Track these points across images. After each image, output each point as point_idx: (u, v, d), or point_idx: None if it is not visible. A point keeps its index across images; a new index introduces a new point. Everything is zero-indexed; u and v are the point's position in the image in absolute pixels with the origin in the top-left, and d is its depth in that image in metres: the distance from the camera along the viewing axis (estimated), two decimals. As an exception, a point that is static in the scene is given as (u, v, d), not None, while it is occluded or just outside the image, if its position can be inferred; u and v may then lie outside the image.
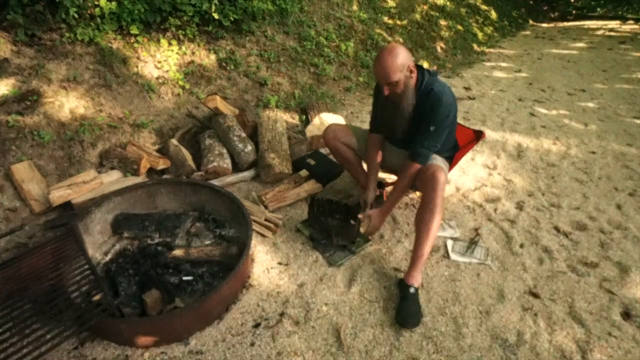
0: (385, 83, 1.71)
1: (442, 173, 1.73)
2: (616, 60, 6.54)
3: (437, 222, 1.73)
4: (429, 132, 1.77)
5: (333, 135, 2.17)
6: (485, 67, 5.98)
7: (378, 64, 1.69)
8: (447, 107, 1.75)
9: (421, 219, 1.76)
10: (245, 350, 1.50)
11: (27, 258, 1.59)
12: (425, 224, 1.74)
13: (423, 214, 1.75)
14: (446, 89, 1.79)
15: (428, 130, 1.77)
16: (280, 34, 4.07)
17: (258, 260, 1.94)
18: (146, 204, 2.12)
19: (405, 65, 1.67)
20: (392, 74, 1.66)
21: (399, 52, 1.66)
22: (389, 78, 1.68)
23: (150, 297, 1.54)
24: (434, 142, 1.81)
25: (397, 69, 1.66)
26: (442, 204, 1.74)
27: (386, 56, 1.66)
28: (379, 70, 1.70)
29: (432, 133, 1.78)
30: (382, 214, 2.01)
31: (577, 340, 1.57)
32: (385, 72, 1.67)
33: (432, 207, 1.72)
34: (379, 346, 1.54)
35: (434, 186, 1.72)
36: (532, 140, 3.40)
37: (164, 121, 2.87)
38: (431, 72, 1.82)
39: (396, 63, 1.65)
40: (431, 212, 1.73)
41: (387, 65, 1.65)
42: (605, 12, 14.15)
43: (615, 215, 2.37)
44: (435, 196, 1.72)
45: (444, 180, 1.73)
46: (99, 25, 2.82)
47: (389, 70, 1.66)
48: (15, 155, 2.18)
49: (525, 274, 1.91)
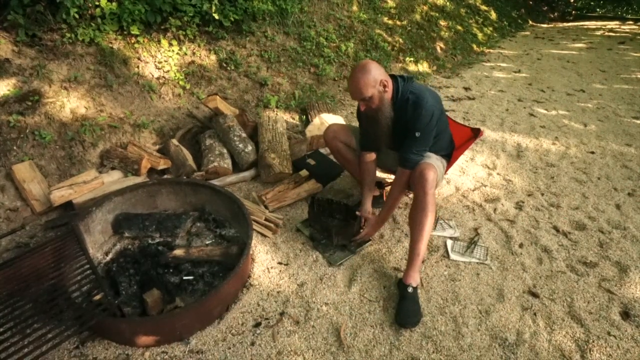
0: (360, 99, 1.76)
1: (431, 171, 1.74)
2: (615, 61, 6.56)
3: (430, 220, 1.74)
4: (416, 139, 1.79)
5: (333, 135, 2.18)
6: (484, 68, 5.99)
7: (350, 81, 1.74)
8: (428, 110, 1.76)
9: (414, 218, 1.77)
10: (246, 349, 1.50)
11: (28, 258, 1.59)
12: (418, 223, 1.75)
13: (415, 213, 1.77)
14: (425, 92, 1.81)
15: (414, 137, 1.79)
16: (280, 35, 4.08)
17: (258, 260, 1.95)
18: (147, 203, 2.12)
19: (377, 80, 1.72)
20: (364, 91, 1.71)
21: (370, 68, 1.71)
22: (361, 94, 1.72)
23: (151, 296, 1.54)
24: (423, 147, 1.83)
25: (369, 84, 1.70)
26: (433, 201, 1.75)
27: (357, 74, 1.70)
28: (351, 87, 1.75)
29: (419, 139, 1.80)
30: (378, 223, 2.03)
31: (577, 340, 1.58)
32: (358, 89, 1.71)
33: (423, 205, 1.73)
34: (379, 346, 1.54)
35: (423, 184, 1.73)
36: (531, 141, 3.40)
37: (164, 121, 2.88)
38: (405, 77, 1.85)
39: (368, 79, 1.69)
40: (423, 211, 1.74)
41: (359, 82, 1.70)
42: (604, 12, 14.17)
43: (615, 215, 2.38)
44: (425, 194, 1.73)
45: (433, 178, 1.74)
46: (100, 25, 2.82)
47: (361, 87, 1.70)
48: (17, 155, 2.19)
49: (524, 273, 1.91)
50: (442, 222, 2.26)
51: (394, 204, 1.98)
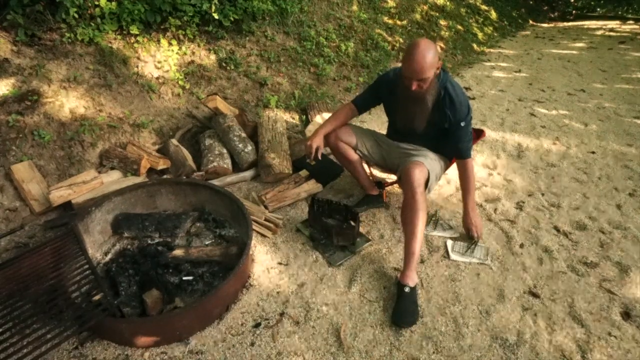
0: (417, 79, 1.69)
1: (417, 169, 1.75)
2: (616, 60, 6.55)
3: (422, 218, 1.73)
4: (462, 128, 1.85)
5: (334, 135, 2.17)
6: (485, 67, 5.98)
7: (412, 59, 1.64)
8: (465, 102, 1.83)
9: (405, 218, 1.78)
10: (246, 350, 1.50)
11: (28, 258, 1.59)
12: (410, 222, 1.75)
13: (406, 212, 1.78)
14: (458, 86, 1.88)
15: (460, 127, 1.85)
16: (280, 34, 4.08)
17: (258, 260, 1.94)
18: (146, 204, 2.12)
19: (436, 63, 1.68)
20: (425, 71, 1.65)
21: (433, 50, 1.65)
22: (422, 74, 1.66)
23: (151, 297, 1.54)
24: (469, 136, 1.90)
25: (432, 65, 1.66)
26: (423, 199, 1.74)
27: (422, 52, 1.62)
28: (412, 66, 1.65)
29: (464, 128, 1.86)
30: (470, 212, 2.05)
31: (577, 340, 1.58)
32: (419, 68, 1.64)
33: (413, 204, 1.74)
34: (379, 346, 1.54)
35: (410, 183, 1.74)
36: (532, 140, 3.40)
37: (164, 121, 2.88)
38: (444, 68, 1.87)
39: (430, 60, 1.63)
40: (412, 210, 1.74)
41: (422, 61, 1.63)
42: (605, 12, 14.16)
43: (615, 215, 2.37)
44: (414, 193, 1.73)
45: (419, 177, 1.74)
46: (99, 25, 2.82)
47: (423, 67, 1.63)
48: (16, 155, 2.19)
49: (525, 273, 1.91)
50: (442, 222, 2.25)
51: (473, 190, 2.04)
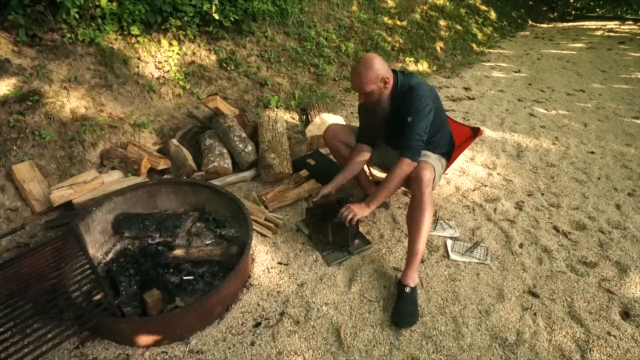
0: (360, 93, 1.84)
1: (427, 170, 1.75)
2: (615, 61, 6.56)
3: (428, 219, 1.74)
4: (408, 124, 1.81)
5: (333, 135, 2.18)
6: (484, 68, 5.99)
7: (353, 74, 1.81)
8: (421, 98, 1.79)
9: (411, 218, 1.78)
10: (246, 349, 1.50)
11: (28, 258, 1.59)
12: (416, 222, 1.75)
13: (413, 212, 1.78)
14: (421, 84, 1.86)
15: (406, 122, 1.81)
16: (280, 35, 4.08)
17: (258, 260, 1.94)
18: (147, 203, 2.12)
19: (379, 77, 1.78)
20: (365, 86, 1.78)
21: (374, 64, 1.76)
22: (362, 89, 1.80)
23: (151, 296, 1.54)
24: (416, 133, 1.78)
25: (371, 81, 1.78)
26: (430, 200, 1.75)
27: (361, 69, 1.77)
28: (353, 81, 1.82)
29: (411, 124, 1.79)
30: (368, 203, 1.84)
31: (577, 340, 1.58)
32: (359, 84, 1.79)
33: (420, 204, 1.74)
34: (379, 345, 1.54)
35: (419, 184, 1.74)
36: (531, 140, 3.40)
37: (164, 121, 2.88)
38: (405, 72, 1.90)
39: (370, 76, 1.76)
40: (419, 210, 1.74)
41: (361, 77, 1.77)
42: (604, 12, 14.17)
43: (615, 215, 2.38)
44: (422, 194, 1.74)
45: (428, 177, 1.75)
46: (100, 25, 2.82)
47: (362, 83, 1.78)
48: (17, 155, 2.19)
49: (524, 273, 1.91)
50: (442, 222, 2.25)
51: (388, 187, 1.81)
